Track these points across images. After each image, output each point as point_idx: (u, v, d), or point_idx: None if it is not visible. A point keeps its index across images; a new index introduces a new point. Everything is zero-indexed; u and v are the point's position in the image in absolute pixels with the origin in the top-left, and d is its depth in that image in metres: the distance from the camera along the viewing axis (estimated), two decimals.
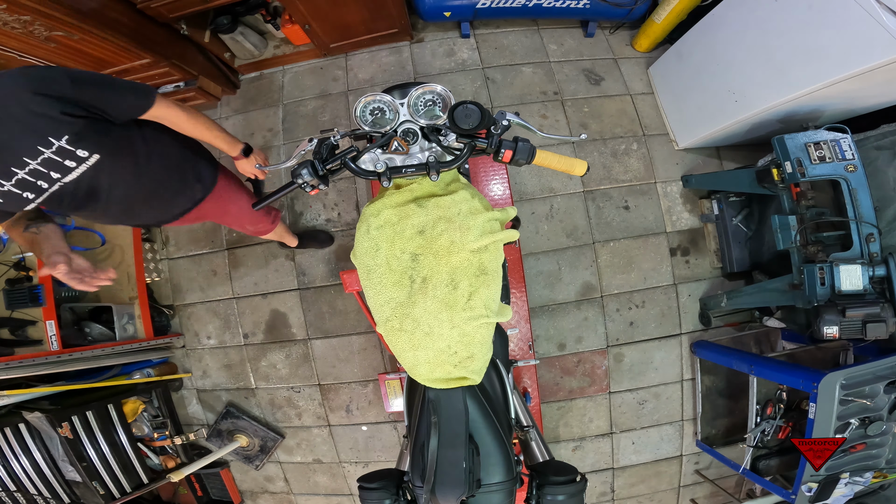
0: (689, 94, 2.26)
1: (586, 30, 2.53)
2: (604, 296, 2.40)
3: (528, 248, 2.39)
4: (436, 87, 1.07)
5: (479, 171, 2.06)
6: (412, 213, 1.00)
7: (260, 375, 2.51)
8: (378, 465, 2.44)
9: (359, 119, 1.07)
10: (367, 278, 1.03)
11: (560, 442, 2.42)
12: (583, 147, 2.43)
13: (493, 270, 1.02)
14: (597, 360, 2.40)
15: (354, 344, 2.43)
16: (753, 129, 2.08)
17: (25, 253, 1.99)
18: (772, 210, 2.12)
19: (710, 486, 2.45)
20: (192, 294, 2.55)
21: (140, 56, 2.02)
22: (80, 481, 1.98)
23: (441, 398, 1.03)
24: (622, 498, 2.48)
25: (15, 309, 1.92)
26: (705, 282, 2.45)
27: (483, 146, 1.02)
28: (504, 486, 1.03)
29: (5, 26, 1.65)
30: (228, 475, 2.57)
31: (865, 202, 1.67)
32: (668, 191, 2.45)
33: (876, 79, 1.52)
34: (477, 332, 1.01)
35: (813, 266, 1.69)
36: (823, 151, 1.68)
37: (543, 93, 2.48)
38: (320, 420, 2.48)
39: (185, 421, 2.58)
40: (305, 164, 1.00)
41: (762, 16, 1.75)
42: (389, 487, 1.07)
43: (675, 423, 2.44)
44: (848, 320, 1.60)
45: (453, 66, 2.52)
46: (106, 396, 2.17)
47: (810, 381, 1.65)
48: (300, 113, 2.52)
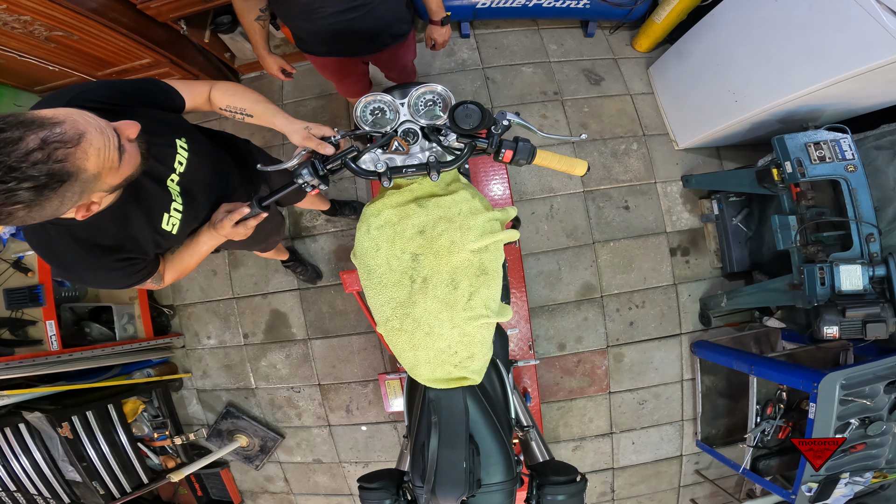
0: (689, 94, 2.26)
1: (586, 30, 2.53)
2: (604, 296, 2.40)
3: (528, 248, 2.39)
4: (436, 87, 1.07)
5: (479, 171, 2.06)
6: (413, 213, 1.00)
7: (260, 375, 2.51)
8: (378, 465, 2.44)
9: (359, 119, 1.07)
10: (367, 278, 1.03)
11: (560, 442, 2.42)
12: (583, 147, 2.43)
13: (493, 270, 1.02)
14: (597, 360, 2.40)
15: (354, 344, 2.43)
16: (753, 129, 2.08)
17: (26, 252, 1.98)
18: (772, 210, 2.12)
19: (710, 486, 2.45)
20: (192, 294, 2.55)
21: (140, 56, 2.03)
22: (80, 481, 1.98)
23: (441, 398, 1.03)
24: (622, 498, 2.48)
25: (15, 309, 1.92)
26: (705, 282, 2.46)
27: (483, 146, 1.01)
28: (504, 486, 1.03)
29: (5, 26, 1.65)
30: (228, 475, 2.57)
31: (865, 202, 1.66)
32: (668, 191, 2.45)
33: (876, 79, 1.52)
34: (477, 332, 1.01)
35: (813, 266, 1.69)
36: (823, 151, 1.68)
37: (543, 93, 2.48)
38: (320, 420, 2.48)
39: (185, 421, 2.58)
40: (306, 164, 1.00)
41: (762, 16, 1.75)
42: (389, 487, 1.07)
43: (675, 423, 2.44)
44: (848, 320, 1.60)
45: (453, 66, 2.52)
46: (106, 396, 2.17)
47: (810, 381, 1.65)
48: (300, 113, 2.51)
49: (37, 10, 1.60)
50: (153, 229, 0.98)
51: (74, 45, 1.84)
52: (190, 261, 1.13)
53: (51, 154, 0.65)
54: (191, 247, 1.11)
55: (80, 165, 0.69)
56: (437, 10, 1.57)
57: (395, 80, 1.88)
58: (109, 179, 0.76)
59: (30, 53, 1.84)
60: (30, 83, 2.16)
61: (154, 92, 1.00)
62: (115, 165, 0.75)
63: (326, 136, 1.05)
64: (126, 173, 0.79)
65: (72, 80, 2.11)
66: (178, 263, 1.12)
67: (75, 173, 0.68)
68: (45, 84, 2.17)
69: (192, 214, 1.06)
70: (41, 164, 0.64)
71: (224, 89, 1.10)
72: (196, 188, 1.06)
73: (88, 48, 1.88)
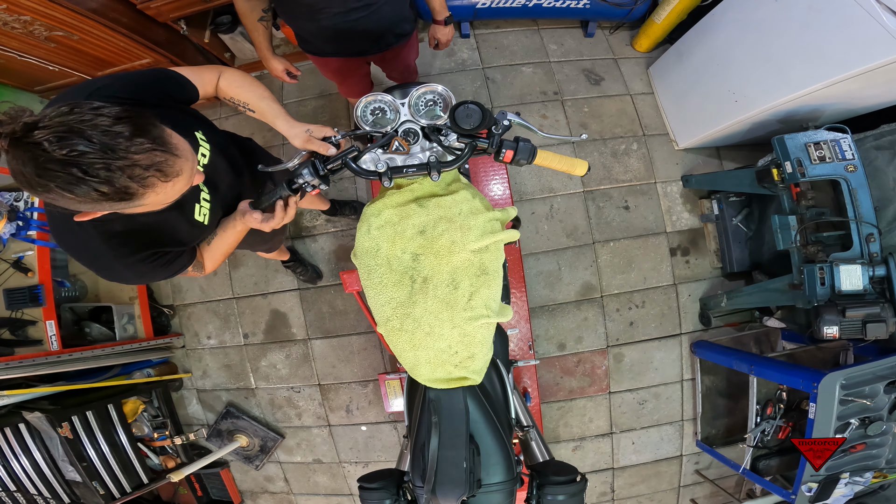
0: (689, 94, 2.26)
1: (586, 30, 2.53)
2: (604, 296, 2.40)
3: (528, 248, 2.39)
4: (436, 87, 1.07)
5: (479, 171, 2.06)
6: (413, 213, 1.00)
7: (260, 375, 2.51)
8: (378, 465, 2.44)
9: (360, 119, 1.07)
10: (367, 278, 1.03)
11: (560, 442, 2.42)
12: (583, 147, 2.43)
13: (493, 270, 1.02)
14: (597, 360, 2.40)
15: (354, 344, 2.43)
16: (753, 129, 2.08)
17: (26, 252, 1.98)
18: (772, 210, 2.12)
19: (710, 486, 2.45)
20: (192, 294, 2.55)
21: (140, 56, 2.03)
22: (80, 481, 1.98)
23: (441, 398, 1.03)
24: (622, 498, 2.48)
25: (15, 309, 1.92)
26: (705, 282, 2.46)
27: (484, 146, 1.01)
28: (504, 486, 1.03)
29: (5, 26, 1.65)
30: (228, 475, 2.57)
31: (865, 202, 1.67)
32: (668, 191, 2.45)
33: (876, 79, 1.52)
34: (477, 332, 1.01)
35: (813, 266, 1.69)
36: (823, 151, 1.68)
37: (543, 93, 2.48)
38: (320, 420, 2.48)
39: (185, 421, 2.57)
40: (306, 164, 1.00)
41: (762, 16, 1.75)
42: (390, 487, 1.08)
43: (675, 423, 2.44)
44: (848, 320, 1.60)
45: (453, 66, 2.52)
46: (106, 396, 2.17)
47: (810, 381, 1.65)
48: (300, 113, 2.52)
49: (37, 10, 1.60)
50: (188, 221, 0.99)
51: (74, 45, 1.84)
52: (225, 246, 1.15)
53: (144, 174, 0.67)
54: (224, 233, 1.14)
55: (147, 194, 0.70)
56: (440, 9, 1.57)
57: (397, 79, 1.88)
58: (141, 210, 0.76)
59: (30, 53, 1.84)
60: (30, 83, 2.16)
61: (169, 83, 0.99)
62: (163, 204, 0.77)
63: (327, 137, 1.05)
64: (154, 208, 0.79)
65: (72, 80, 2.11)
66: (215, 250, 1.16)
67: (137, 196, 0.69)
68: (45, 84, 2.17)
69: (218, 204, 1.08)
70: (129, 179, 0.65)
71: (232, 79, 1.09)
72: (217, 178, 1.08)
73: (88, 48, 1.88)
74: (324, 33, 1.46)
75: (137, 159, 0.65)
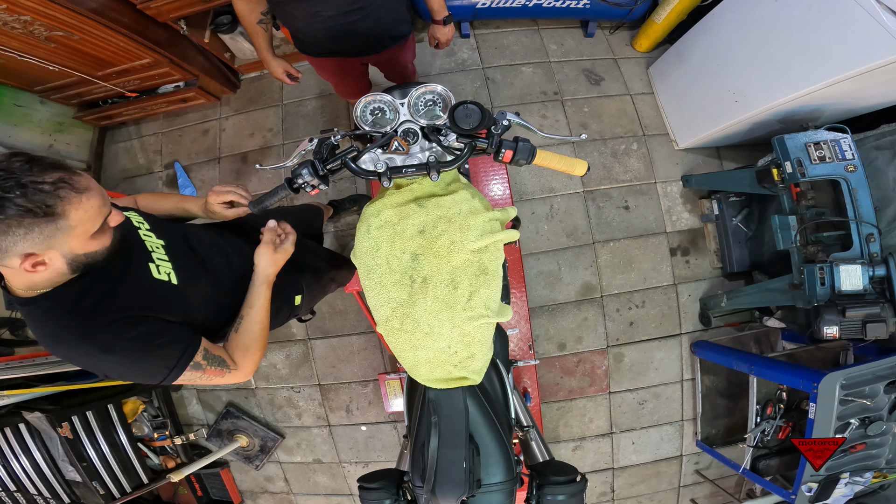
0: (689, 94, 2.26)
1: (586, 30, 2.54)
2: (604, 296, 2.40)
3: (528, 248, 2.39)
4: (436, 87, 1.07)
5: (479, 171, 2.06)
6: (412, 213, 1.00)
7: (260, 375, 2.51)
8: (378, 465, 2.44)
9: (359, 119, 1.07)
10: (367, 278, 1.03)
11: (560, 442, 2.42)
12: (583, 147, 2.43)
13: (493, 270, 1.02)
14: (597, 360, 2.40)
15: (354, 344, 2.43)
16: (753, 129, 2.08)
17: None
18: (772, 210, 2.12)
19: (710, 486, 2.45)
20: None
21: (140, 56, 2.03)
22: (80, 481, 1.98)
23: (441, 398, 1.03)
24: (622, 498, 2.48)
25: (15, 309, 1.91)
26: (705, 282, 2.45)
27: (483, 146, 1.01)
28: (504, 486, 1.03)
29: (5, 26, 1.65)
30: (228, 475, 2.57)
31: (865, 202, 1.66)
32: (668, 191, 2.45)
33: (876, 79, 1.52)
34: (477, 332, 1.01)
35: (813, 266, 1.69)
36: (823, 151, 1.68)
37: (543, 93, 2.48)
38: (320, 420, 2.48)
39: (185, 421, 2.57)
40: (306, 164, 1.00)
41: (762, 16, 1.75)
42: (389, 487, 1.08)
43: (675, 423, 2.44)
44: (848, 320, 1.60)
45: (453, 66, 2.52)
46: (106, 396, 2.16)
47: (810, 381, 1.65)
48: (300, 113, 2.52)
49: (37, 10, 1.60)
50: (143, 279, 0.90)
51: (74, 45, 1.84)
52: (254, 322, 1.04)
53: (57, 188, 0.72)
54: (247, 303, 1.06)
55: (68, 210, 0.74)
56: (440, 9, 1.57)
57: (395, 80, 1.88)
58: (75, 242, 0.78)
59: (30, 53, 1.84)
60: (30, 83, 2.16)
61: None
62: (91, 231, 0.79)
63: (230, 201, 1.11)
64: (91, 248, 0.81)
65: (72, 80, 2.11)
66: (244, 334, 1.02)
67: (61, 215, 0.73)
68: (45, 84, 2.17)
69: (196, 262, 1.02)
70: (42, 193, 0.71)
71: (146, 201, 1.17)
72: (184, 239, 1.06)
73: (88, 48, 1.88)
74: (319, 35, 1.46)
75: (44, 177, 0.72)
